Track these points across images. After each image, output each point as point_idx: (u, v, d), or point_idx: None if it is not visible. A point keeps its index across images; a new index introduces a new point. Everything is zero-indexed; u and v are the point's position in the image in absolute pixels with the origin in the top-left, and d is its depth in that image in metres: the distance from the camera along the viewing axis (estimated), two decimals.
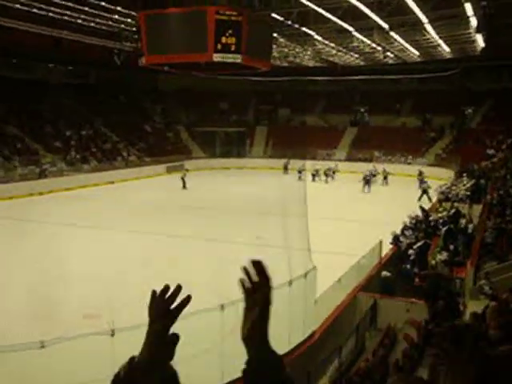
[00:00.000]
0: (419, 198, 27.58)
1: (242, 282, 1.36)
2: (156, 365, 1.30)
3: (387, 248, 16.44)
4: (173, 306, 1.35)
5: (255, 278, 1.34)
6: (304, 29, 23.22)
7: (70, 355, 8.36)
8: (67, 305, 12.04)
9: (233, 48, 15.35)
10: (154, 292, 1.37)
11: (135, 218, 22.48)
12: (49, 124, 36.97)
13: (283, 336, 10.06)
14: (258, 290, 1.34)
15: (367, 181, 32.08)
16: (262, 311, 1.33)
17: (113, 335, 7.61)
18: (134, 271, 14.81)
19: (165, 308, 1.33)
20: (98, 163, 36.18)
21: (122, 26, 23.94)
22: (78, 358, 8.56)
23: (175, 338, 1.33)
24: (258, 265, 1.34)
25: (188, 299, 1.36)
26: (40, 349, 7.25)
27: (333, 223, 21.05)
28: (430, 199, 26.76)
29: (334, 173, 36.72)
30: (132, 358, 1.33)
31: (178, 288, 1.37)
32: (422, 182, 30.08)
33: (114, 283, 13.49)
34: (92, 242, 18.33)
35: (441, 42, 27.10)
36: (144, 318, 1.41)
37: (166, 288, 1.36)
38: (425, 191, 28.15)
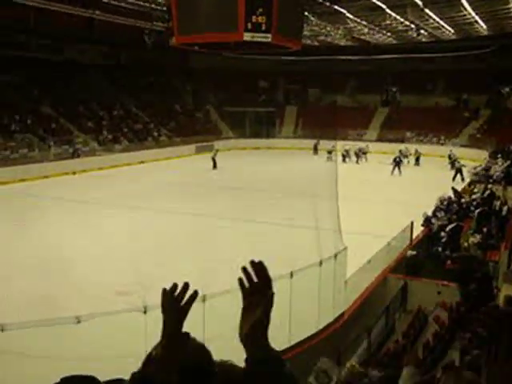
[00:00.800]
0: (453, 178, 27.20)
1: (240, 281, 1.35)
2: (170, 361, 1.32)
3: (418, 230, 16.25)
4: (182, 303, 1.37)
5: (255, 279, 1.33)
6: (335, 7, 22.81)
7: (105, 330, 8.57)
8: (101, 281, 12.33)
9: (263, 27, 15.17)
10: (164, 290, 1.39)
11: (167, 197, 22.72)
12: (81, 104, 37.47)
13: (313, 316, 10.12)
14: (257, 291, 1.33)
15: (397, 163, 30.94)
16: (264, 313, 1.32)
17: (145, 312, 7.77)
18: (164, 249, 15.04)
19: (175, 306, 1.36)
20: (129, 143, 36.57)
21: (153, 5, 23.95)
22: (113, 333, 8.77)
23: (186, 336, 1.36)
24: (258, 266, 1.33)
25: (195, 295, 1.38)
26: (76, 324, 7.46)
27: (363, 204, 20.87)
28: (463, 179, 26.37)
29: (365, 154, 36.27)
30: (149, 355, 1.37)
31: (186, 286, 1.38)
32: (453, 162, 29.61)
33: (146, 261, 13.74)
34: (124, 221, 18.65)
35: (477, 18, 26.28)
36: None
37: (174, 286, 1.38)
38: (459, 170, 27.70)
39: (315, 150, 39.39)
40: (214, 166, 31.93)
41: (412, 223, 15.25)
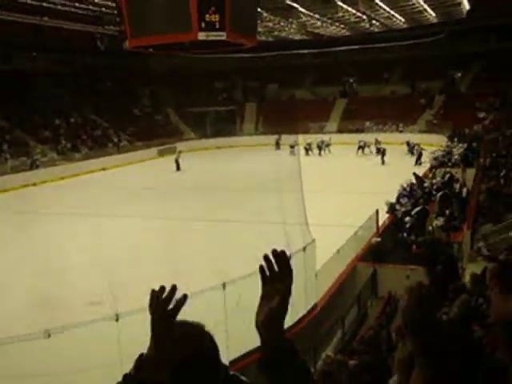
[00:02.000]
0: (416, 162, 27.94)
1: (261, 269, 1.35)
2: (161, 362, 1.31)
3: (384, 217, 16.53)
4: (170, 306, 1.36)
5: (275, 268, 1.33)
6: (288, 1, 22.94)
7: (77, 342, 8.42)
8: (71, 293, 12.09)
9: (217, 25, 15.04)
10: (152, 292, 1.38)
11: (132, 203, 22.43)
12: (36, 114, 36.57)
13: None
14: (278, 279, 1.32)
15: (361, 147, 34.51)
16: (282, 301, 1.32)
17: (117, 320, 7.66)
18: (134, 256, 14.85)
19: (162, 309, 1.35)
20: (90, 150, 35.92)
21: (103, 9, 23.55)
22: (85, 344, 8.62)
23: (176, 336, 1.36)
24: (280, 255, 1.33)
25: (184, 299, 1.37)
26: (46, 338, 7.29)
27: (328, 195, 21.09)
28: (420, 163, 27.26)
29: (328, 146, 36.64)
30: (140, 356, 1.36)
31: (173, 289, 1.37)
32: (412, 148, 30.42)
33: (116, 269, 13.53)
34: (91, 229, 18.31)
35: (426, 6, 26.86)
36: (145, 301, 1.43)
37: (162, 289, 1.37)
38: (420, 154, 28.51)
39: (277, 145, 39.56)
40: (178, 168, 31.71)
41: (377, 211, 15.49)
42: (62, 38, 30.33)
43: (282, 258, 1.33)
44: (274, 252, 1.33)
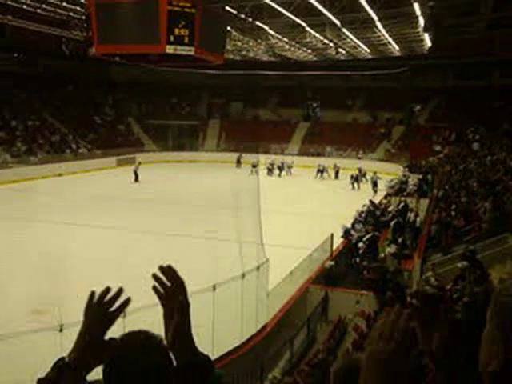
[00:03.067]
0: (373, 189, 28.40)
1: (154, 289, 1.33)
2: (85, 367, 1.27)
3: (339, 241, 16.74)
4: (111, 309, 1.32)
5: (168, 284, 1.32)
6: (257, 23, 23.22)
7: (15, 353, 8.11)
8: (13, 301, 11.66)
9: (186, 40, 15.16)
10: (92, 293, 1.34)
11: (85, 211, 21.95)
12: None
13: (236, 328, 10.10)
14: (173, 294, 1.32)
15: (320, 171, 34.86)
16: (182, 315, 1.32)
17: (61, 330, 7.43)
18: (82, 265, 14.48)
19: (102, 311, 1.31)
20: (46, 155, 35.04)
21: (71, 13, 23.23)
22: (25, 355, 8.30)
23: (112, 343, 1.30)
24: (168, 270, 1.33)
25: (127, 302, 1.34)
26: None
27: (285, 217, 21.22)
28: (375, 191, 27.65)
29: (290, 168, 36.98)
30: (61, 359, 1.30)
31: (119, 291, 1.34)
32: (362, 176, 31.05)
33: (62, 278, 13.15)
34: (40, 236, 17.79)
35: (390, 39, 27.72)
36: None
37: (107, 290, 1.34)
38: (375, 183, 28.91)
39: (238, 163, 39.69)
40: (136, 179, 31.31)
41: (332, 235, 15.68)
42: (25, 38, 29.72)
43: (170, 272, 1.33)
44: (162, 268, 1.33)
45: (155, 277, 1.32)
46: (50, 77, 41.61)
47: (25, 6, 22.13)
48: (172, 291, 1.32)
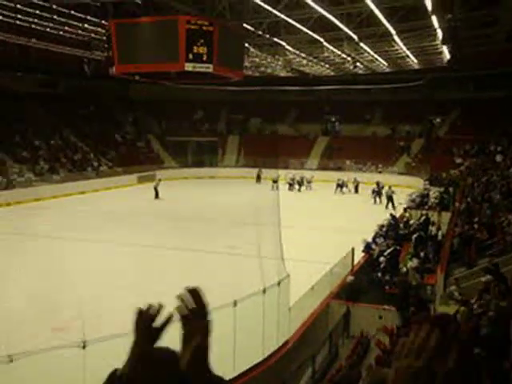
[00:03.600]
0: (386, 206, 28.06)
1: (178, 309, 1.33)
2: (136, 381, 1.29)
3: (360, 256, 16.60)
4: (155, 324, 1.34)
5: (192, 305, 1.33)
6: (275, 39, 23.41)
7: (40, 369, 8.18)
8: (37, 317, 11.79)
9: (204, 57, 15.34)
10: (139, 310, 1.37)
11: (108, 228, 22.19)
12: (17, 133, 36.26)
13: (257, 344, 10.05)
14: (195, 317, 1.32)
15: (340, 185, 34.66)
16: (203, 338, 1.32)
17: (84, 347, 7.48)
18: (106, 282, 14.60)
19: (147, 327, 1.33)
20: (68, 173, 35.60)
21: (92, 34, 23.73)
22: (49, 371, 8.37)
23: (163, 356, 1.32)
24: (193, 292, 1.33)
25: (170, 318, 1.36)
26: (8, 363, 7.06)
27: (306, 232, 21.15)
28: (394, 207, 27.12)
29: (309, 183, 36.93)
30: (113, 373, 1.32)
31: (160, 307, 1.36)
32: (379, 190, 30.52)
33: (85, 295, 13.26)
34: (64, 253, 18.00)
35: (409, 53, 27.67)
36: (115, 329, 1.41)
37: (149, 307, 1.36)
38: (390, 198, 28.60)
39: (258, 179, 39.79)
40: (157, 196, 31.56)
41: (353, 249, 15.57)
42: (48, 60, 30.39)
43: (195, 294, 1.33)
44: (188, 290, 1.33)
45: (180, 297, 1.33)
46: (72, 96, 42.41)
47: (48, 29, 22.67)
48: (195, 313, 1.32)
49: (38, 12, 20.16)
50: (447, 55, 28.35)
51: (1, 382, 7.64)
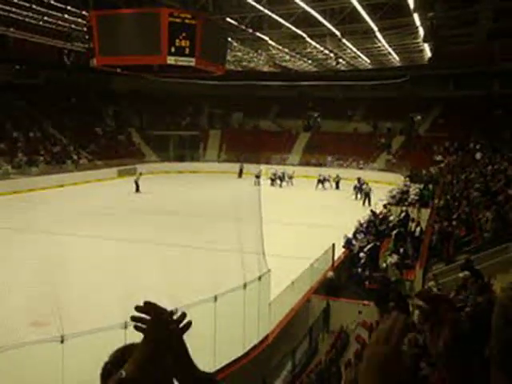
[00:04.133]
0: (363, 203, 28.23)
1: (136, 328, 1.26)
2: (146, 382, 1.24)
3: (340, 251, 16.70)
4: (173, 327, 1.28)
5: (148, 318, 1.26)
6: (258, 34, 23.35)
7: (18, 364, 8.07)
8: (14, 313, 11.62)
9: (187, 51, 15.25)
10: (159, 312, 1.28)
11: (87, 222, 21.94)
12: None
13: (238, 339, 10.06)
14: (158, 327, 1.25)
15: (321, 181, 34.84)
16: (179, 342, 1.28)
17: (62, 342, 7.40)
18: (82, 276, 14.45)
19: (167, 331, 1.27)
20: (47, 166, 35.11)
21: (73, 25, 23.38)
22: (27, 366, 8.27)
23: (167, 362, 1.27)
24: (146, 307, 1.26)
25: (189, 325, 1.30)
26: None
27: (287, 227, 21.20)
28: (369, 203, 27.28)
29: (291, 178, 37.00)
30: (120, 373, 1.26)
31: (183, 315, 1.30)
32: (360, 186, 30.62)
33: (63, 289, 13.11)
34: (40, 246, 17.78)
35: (391, 50, 27.85)
36: (94, 323, 1.37)
37: (171, 312, 1.29)
38: (367, 195, 28.87)
39: (240, 174, 39.75)
40: (137, 190, 31.33)
41: (333, 245, 15.65)
42: (27, 50, 29.89)
43: (148, 308, 1.25)
44: (138, 308, 1.25)
45: (134, 318, 1.24)
46: (52, 88, 41.81)
47: (27, 19, 22.28)
48: (156, 324, 1.26)
49: (16, 0, 19.81)
50: (428, 53, 28.61)
51: None
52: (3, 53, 31.49)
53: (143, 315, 1.24)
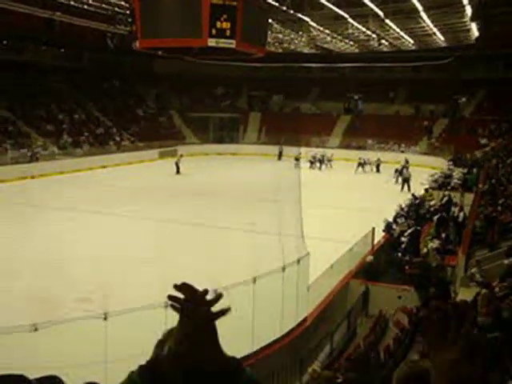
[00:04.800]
0: (402, 188, 27.40)
1: (172, 306, 1.23)
2: (186, 358, 1.25)
3: (380, 236, 16.53)
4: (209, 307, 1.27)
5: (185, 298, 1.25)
6: (299, 15, 23.07)
7: (63, 339, 8.38)
8: (61, 289, 12.05)
9: (227, 33, 15.18)
10: (193, 292, 1.28)
11: (130, 202, 22.40)
12: (41, 107, 36.65)
13: (276, 322, 10.14)
14: (195, 308, 1.22)
15: (361, 164, 34.41)
16: (207, 324, 1.26)
17: (105, 319, 7.63)
18: (127, 256, 14.81)
19: (198, 313, 1.26)
20: (91, 147, 35.94)
21: (116, 8, 23.66)
22: (71, 341, 8.58)
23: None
24: (183, 286, 1.22)
25: (224, 311, 1.29)
26: (33, 331, 7.26)
27: (326, 211, 21.08)
28: (409, 189, 26.54)
29: (330, 161, 36.67)
30: (161, 349, 1.27)
31: (218, 297, 1.29)
32: (401, 170, 29.64)
33: (108, 268, 13.50)
34: (85, 226, 18.31)
35: (435, 30, 27.04)
36: (135, 302, 1.39)
37: (206, 292, 1.28)
38: (406, 180, 28.01)
39: (279, 156, 39.65)
40: (178, 171, 31.72)
41: (373, 229, 15.49)
42: (72, 33, 30.45)
43: (185, 288, 1.21)
44: (176, 287, 1.24)
45: (170, 297, 1.21)
46: (95, 71, 42.57)
47: (72, 2, 22.66)
48: (193, 305, 1.24)
49: None
50: (475, 33, 27.64)
51: (26, 352, 7.85)
52: (49, 36, 32.16)
53: (179, 294, 1.25)
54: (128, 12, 21.24)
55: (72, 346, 8.58)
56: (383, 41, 29.42)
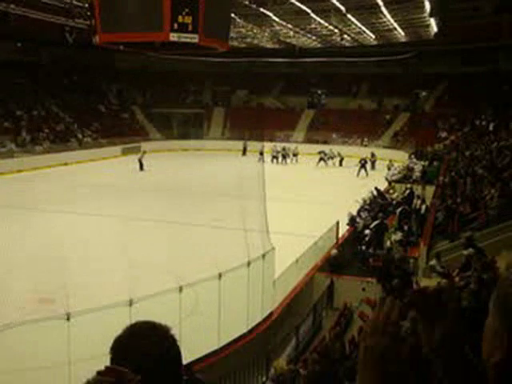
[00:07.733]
0: (358, 173, 29.58)
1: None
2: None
3: (344, 229, 16.71)
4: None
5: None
6: (262, 9, 23.05)
7: (24, 340, 8.17)
8: (21, 290, 11.73)
9: (190, 27, 14.96)
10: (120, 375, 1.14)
11: (91, 200, 22.01)
12: None
13: (242, 317, 10.13)
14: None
15: (323, 159, 34.83)
16: None
17: (68, 319, 7.47)
18: (89, 254, 14.54)
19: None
20: (51, 144, 35.09)
21: (74, 1, 23.09)
22: (33, 343, 8.37)
23: None
24: (107, 371, 1.14)
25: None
26: None
27: (290, 205, 21.19)
28: (367, 173, 29.14)
29: (295, 155, 36.88)
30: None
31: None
32: (364, 165, 30.90)
33: (68, 267, 13.20)
34: (45, 225, 17.88)
35: (396, 25, 27.46)
36: (98, 301, 1.36)
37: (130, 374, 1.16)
38: (363, 165, 29.51)
39: (244, 152, 39.63)
40: (141, 168, 31.33)
41: (337, 223, 15.65)
42: (28, 27, 29.59)
43: (109, 372, 1.13)
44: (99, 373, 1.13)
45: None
46: (54, 66, 41.54)
47: None
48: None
49: None
50: (435, 28, 28.20)
51: None
52: (4, 30, 31.15)
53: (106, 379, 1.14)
54: (86, 5, 20.74)
55: (35, 348, 8.38)
56: (345, 36, 29.72)
